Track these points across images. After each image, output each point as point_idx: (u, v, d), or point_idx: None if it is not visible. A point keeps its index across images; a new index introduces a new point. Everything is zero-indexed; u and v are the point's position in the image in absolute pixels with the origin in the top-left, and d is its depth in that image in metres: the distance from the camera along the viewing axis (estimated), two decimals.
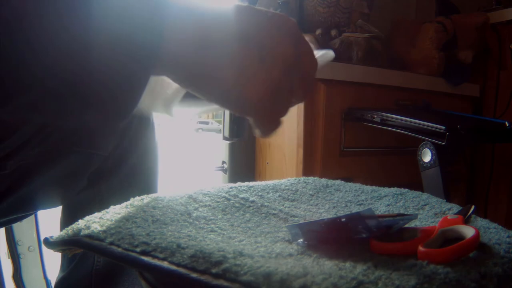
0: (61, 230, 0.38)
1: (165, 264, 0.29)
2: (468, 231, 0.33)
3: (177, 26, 0.29)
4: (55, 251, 0.37)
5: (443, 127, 0.81)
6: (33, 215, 1.06)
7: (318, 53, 0.38)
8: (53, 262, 1.12)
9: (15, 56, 0.24)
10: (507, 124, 0.96)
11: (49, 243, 0.36)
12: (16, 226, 1.05)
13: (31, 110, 0.27)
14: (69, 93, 0.27)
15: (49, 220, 1.13)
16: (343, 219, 0.35)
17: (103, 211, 0.40)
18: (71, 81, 0.26)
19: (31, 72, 0.25)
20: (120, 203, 0.43)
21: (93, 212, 0.40)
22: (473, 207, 0.44)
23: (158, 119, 0.69)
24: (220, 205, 0.46)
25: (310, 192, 0.55)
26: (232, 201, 0.48)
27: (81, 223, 0.37)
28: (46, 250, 1.09)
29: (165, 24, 0.28)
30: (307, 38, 0.34)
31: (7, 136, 0.49)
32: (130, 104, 0.29)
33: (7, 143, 0.49)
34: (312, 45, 0.34)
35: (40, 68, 0.25)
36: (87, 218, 0.38)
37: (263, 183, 0.57)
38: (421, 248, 0.31)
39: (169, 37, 0.28)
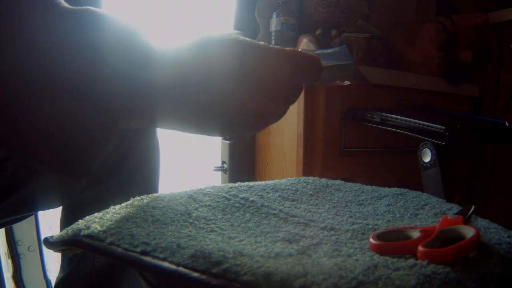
0: (61, 230, 0.38)
1: (165, 264, 0.29)
2: (468, 231, 0.33)
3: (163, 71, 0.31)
4: (55, 251, 0.37)
5: (443, 127, 0.81)
6: (33, 215, 1.06)
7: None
8: (53, 262, 1.12)
9: None
10: (507, 124, 0.96)
11: (49, 243, 0.36)
12: (16, 226, 1.05)
13: None
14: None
15: (49, 220, 1.13)
16: None
17: (103, 211, 0.40)
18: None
19: None
20: (120, 203, 0.43)
21: (93, 212, 0.40)
22: (473, 207, 0.44)
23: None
24: (220, 205, 0.46)
25: (310, 192, 0.55)
26: (232, 201, 0.48)
27: (81, 223, 0.37)
28: (46, 250, 1.09)
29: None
30: (306, 38, 0.35)
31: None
32: (91, 160, 0.30)
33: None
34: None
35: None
36: (87, 218, 0.38)
37: (263, 183, 0.57)
38: (421, 248, 0.31)
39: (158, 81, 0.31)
